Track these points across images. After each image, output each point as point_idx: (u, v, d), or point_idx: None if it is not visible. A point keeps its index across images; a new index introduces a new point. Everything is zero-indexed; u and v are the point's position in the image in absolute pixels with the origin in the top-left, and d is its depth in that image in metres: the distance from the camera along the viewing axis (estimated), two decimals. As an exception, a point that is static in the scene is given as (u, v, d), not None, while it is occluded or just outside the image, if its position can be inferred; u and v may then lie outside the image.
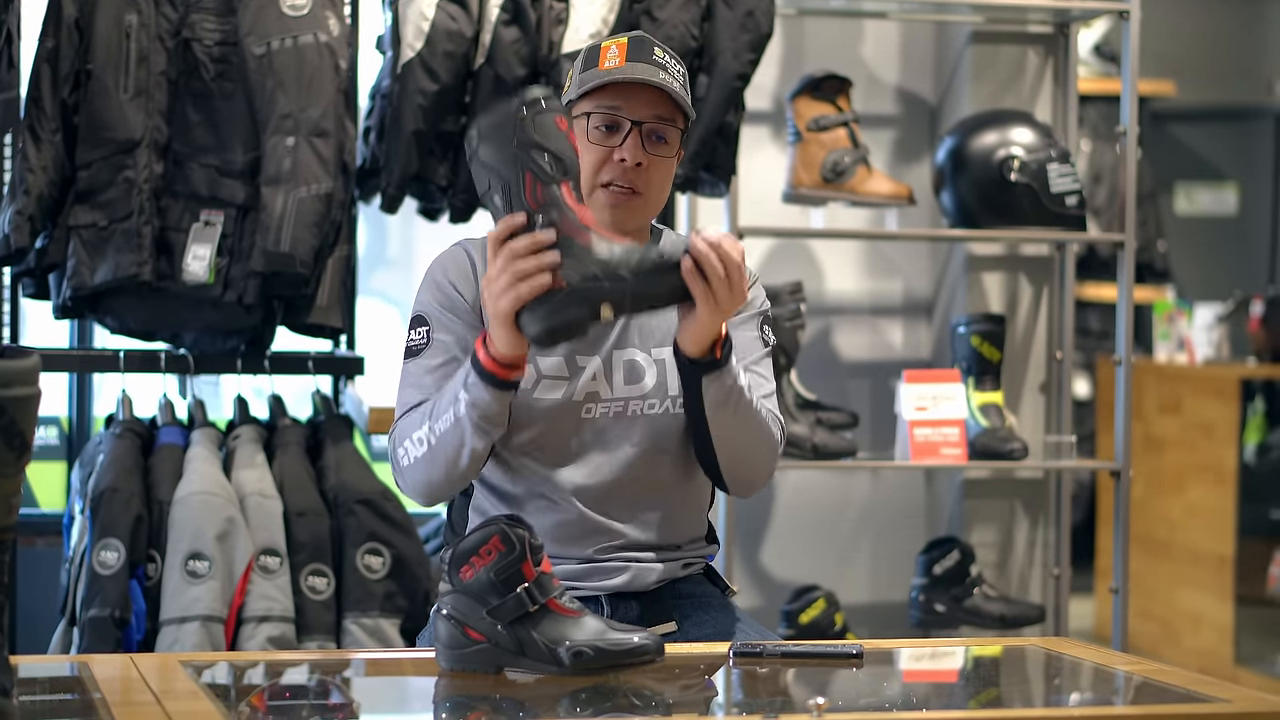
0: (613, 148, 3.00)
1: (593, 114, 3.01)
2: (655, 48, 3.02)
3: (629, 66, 2.99)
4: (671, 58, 3.03)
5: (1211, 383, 6.66)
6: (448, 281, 3.03)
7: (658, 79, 2.99)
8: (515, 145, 2.70)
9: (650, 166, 3.00)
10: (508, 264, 2.71)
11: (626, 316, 2.86)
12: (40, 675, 2.79)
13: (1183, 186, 9.20)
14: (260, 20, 4.22)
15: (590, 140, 3.00)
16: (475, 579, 2.62)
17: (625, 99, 3.00)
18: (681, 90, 3.02)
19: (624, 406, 3.01)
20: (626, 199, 3.00)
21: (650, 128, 3.00)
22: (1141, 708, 2.64)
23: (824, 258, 5.30)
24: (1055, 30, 5.24)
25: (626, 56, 3.00)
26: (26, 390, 2.20)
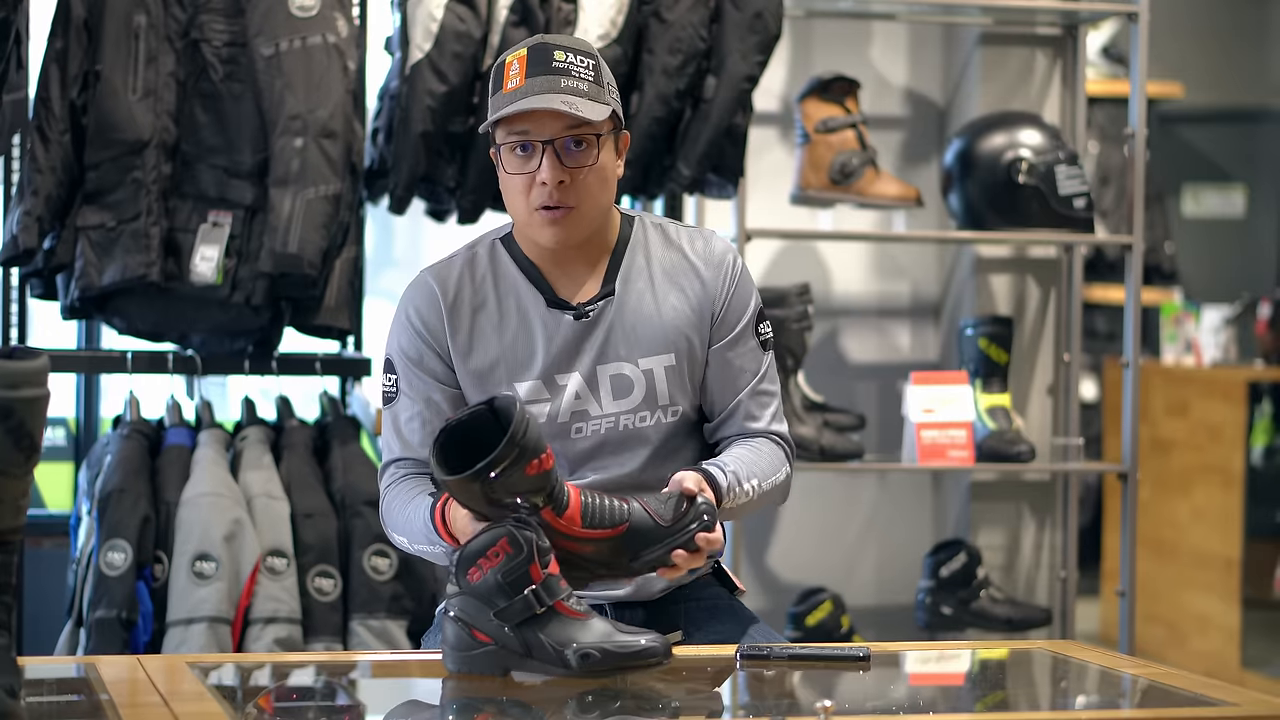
0: (532, 172, 2.90)
1: (503, 145, 2.92)
2: (555, 50, 2.90)
3: (527, 84, 2.87)
4: (577, 54, 2.91)
5: (1219, 385, 6.66)
6: (414, 325, 3.00)
7: (557, 91, 2.87)
8: (486, 501, 2.66)
9: (575, 180, 2.91)
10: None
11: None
12: (47, 676, 2.79)
13: (1190, 188, 9.19)
14: (269, 21, 4.22)
15: (508, 170, 2.92)
16: (482, 581, 2.62)
17: (530, 120, 2.89)
18: (592, 88, 2.90)
19: (615, 422, 2.99)
20: (562, 215, 2.92)
21: (563, 141, 2.90)
22: (1148, 711, 2.64)
23: (831, 259, 5.30)
24: (1063, 32, 5.24)
25: (526, 72, 2.89)
26: (35, 391, 2.20)
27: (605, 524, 2.72)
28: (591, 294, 3.00)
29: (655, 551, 2.73)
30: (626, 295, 3.00)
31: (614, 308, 2.99)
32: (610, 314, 2.99)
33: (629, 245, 3.03)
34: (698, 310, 3.02)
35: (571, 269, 3.00)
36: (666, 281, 3.02)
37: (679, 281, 3.03)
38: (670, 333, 3.00)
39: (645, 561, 2.74)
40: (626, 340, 2.99)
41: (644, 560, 2.74)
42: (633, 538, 2.73)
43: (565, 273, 3.00)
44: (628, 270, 3.02)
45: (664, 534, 2.74)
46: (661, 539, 2.74)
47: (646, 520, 2.74)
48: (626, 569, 2.75)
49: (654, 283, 3.02)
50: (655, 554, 2.74)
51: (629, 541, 2.73)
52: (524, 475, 2.64)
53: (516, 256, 3.01)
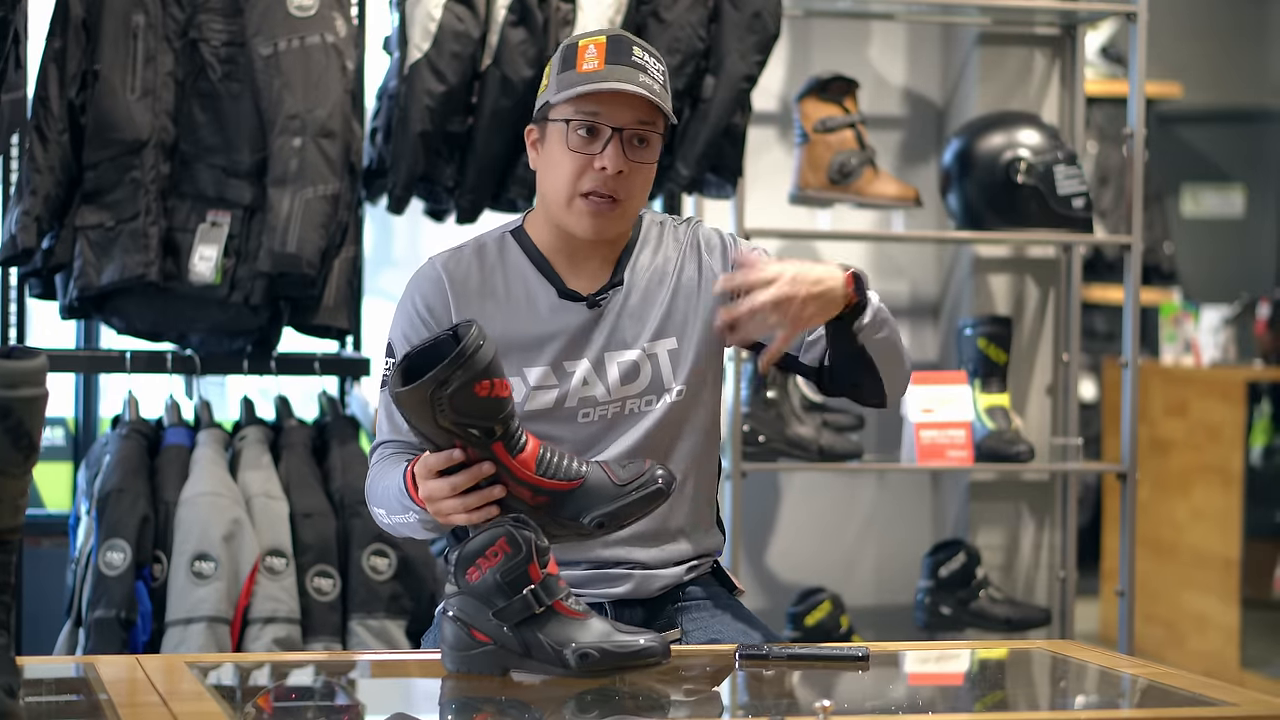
0: (592, 155, 2.92)
1: (571, 120, 2.93)
2: (634, 46, 2.94)
3: (608, 70, 2.91)
4: (651, 55, 2.96)
5: (1218, 385, 6.66)
6: (419, 310, 3.01)
7: (637, 84, 2.91)
8: (438, 423, 2.65)
9: (631, 173, 2.94)
10: (451, 493, 2.71)
11: None
12: (46, 676, 2.79)
13: (1189, 188, 9.20)
14: (267, 21, 4.22)
15: (570, 147, 2.93)
16: (481, 581, 2.62)
17: (604, 104, 2.92)
18: (662, 92, 2.95)
19: (621, 407, 3.00)
20: (607, 208, 2.94)
21: (631, 133, 2.93)
22: (1147, 711, 2.64)
23: (830, 259, 5.29)
24: (1062, 32, 5.24)
25: (605, 58, 2.91)
26: (33, 391, 2.20)
27: (560, 476, 2.72)
28: (600, 284, 3.02)
29: (605, 508, 2.72)
30: (634, 285, 3.03)
31: (622, 296, 3.02)
32: (618, 302, 3.02)
33: (639, 240, 3.07)
34: (702, 294, 3.04)
35: (584, 262, 3.02)
36: (668, 268, 3.05)
37: (678, 268, 3.06)
38: (673, 315, 3.03)
39: (595, 517, 2.71)
40: (633, 326, 3.02)
41: (594, 516, 2.71)
42: (586, 494, 2.72)
43: (576, 265, 3.02)
44: (635, 263, 3.05)
45: (616, 493, 2.73)
46: (613, 497, 2.72)
47: (603, 478, 2.73)
48: (579, 527, 2.73)
49: (659, 271, 3.05)
50: (605, 510, 2.72)
51: (582, 498, 2.72)
52: (473, 395, 2.63)
53: (527, 249, 3.04)
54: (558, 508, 2.72)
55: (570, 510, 2.72)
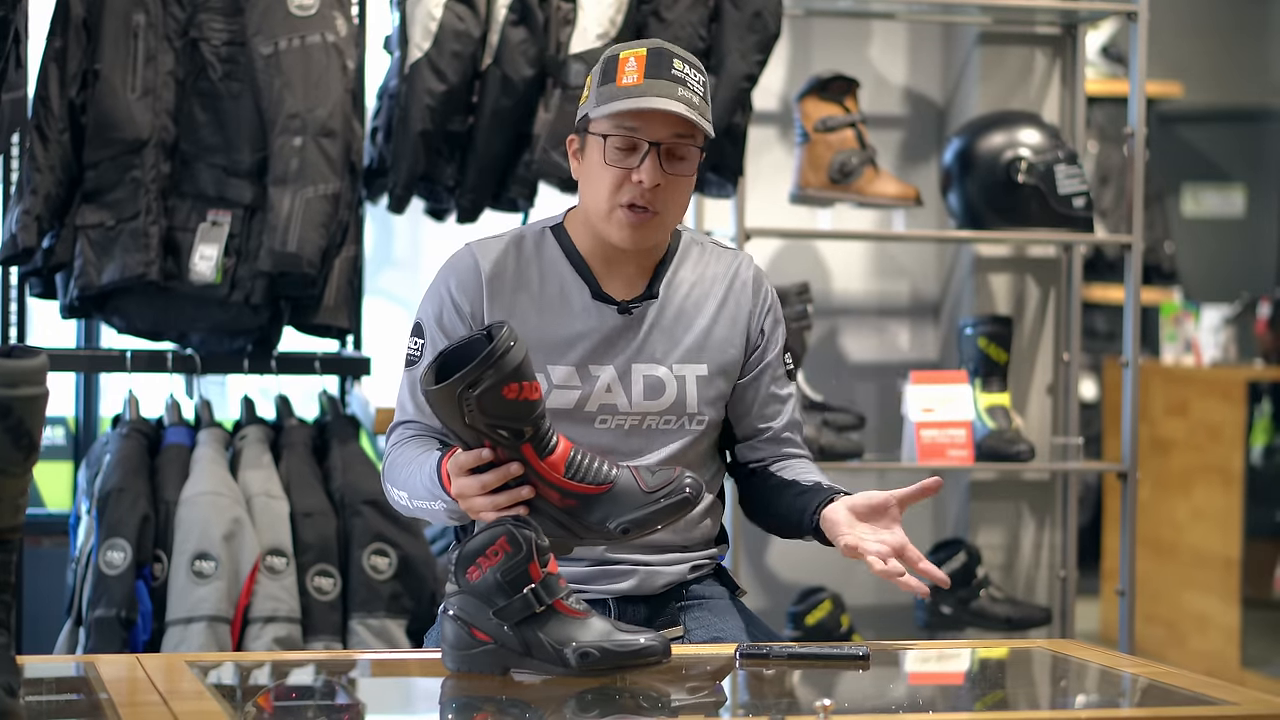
0: (630, 169, 2.94)
1: (609, 136, 2.95)
2: (675, 59, 2.94)
3: (647, 85, 2.92)
4: (692, 68, 2.96)
5: (1218, 385, 6.66)
6: (451, 294, 3.02)
7: (676, 101, 2.91)
8: (466, 422, 2.66)
9: (668, 186, 2.95)
10: (481, 491, 2.72)
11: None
12: (46, 675, 2.79)
13: (1190, 188, 9.20)
14: (268, 20, 4.22)
15: (608, 161, 2.95)
16: (482, 580, 2.62)
17: (642, 119, 2.93)
18: (702, 104, 2.95)
19: (640, 420, 3.01)
20: (646, 219, 2.96)
21: (668, 147, 2.95)
22: (1147, 710, 2.64)
23: (831, 259, 5.30)
24: (1063, 31, 5.24)
25: (645, 72, 2.92)
26: (34, 390, 2.20)
27: (589, 480, 2.72)
28: (636, 294, 3.03)
29: (632, 514, 2.72)
30: (669, 300, 3.04)
31: (656, 309, 3.03)
32: (651, 315, 3.03)
33: (676, 254, 3.08)
34: (737, 330, 3.08)
35: (620, 268, 3.03)
36: (707, 295, 3.07)
37: (720, 298, 3.08)
38: (708, 345, 3.04)
39: (621, 523, 2.71)
40: (664, 343, 3.03)
41: (621, 522, 2.71)
42: (614, 499, 2.72)
43: (613, 272, 3.03)
44: (672, 277, 3.06)
45: (644, 499, 2.73)
46: (640, 504, 2.72)
47: (632, 484, 2.73)
48: (605, 532, 2.73)
49: (695, 294, 3.06)
50: (631, 516, 2.72)
51: (610, 503, 2.72)
52: (502, 397, 2.63)
53: (566, 248, 3.05)
54: (585, 511, 2.72)
55: (598, 514, 2.72)
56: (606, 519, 2.72)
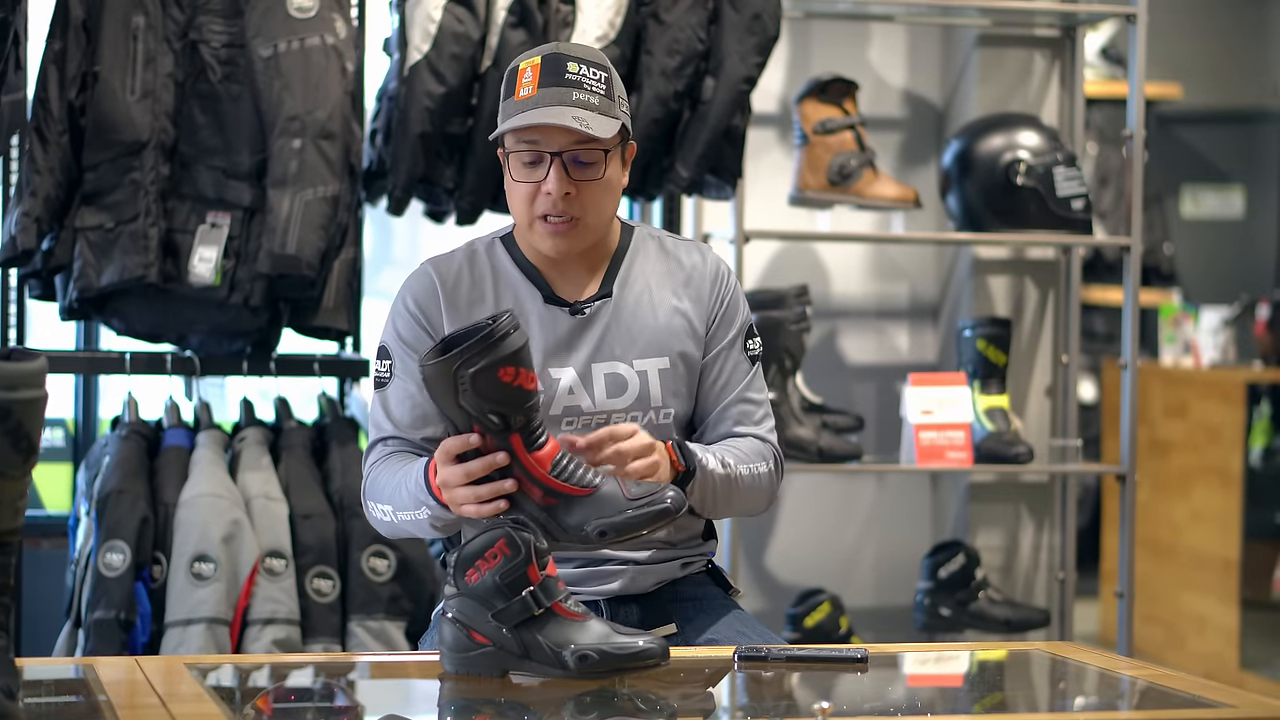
0: (538, 181, 2.94)
1: (513, 152, 2.95)
2: (569, 63, 2.92)
3: (540, 95, 2.90)
4: (590, 66, 2.94)
5: (1217, 386, 6.66)
6: (410, 309, 3.03)
7: (570, 106, 2.90)
8: (457, 401, 2.68)
9: (581, 192, 2.94)
10: (464, 480, 2.73)
11: None
12: (45, 677, 2.79)
13: (1189, 190, 9.20)
14: (267, 22, 4.23)
15: (515, 178, 2.96)
16: (480, 582, 2.62)
17: (540, 132, 2.92)
18: (603, 102, 2.93)
19: (606, 419, 3.00)
20: (566, 228, 2.95)
21: (571, 155, 2.93)
22: (1146, 713, 2.64)
23: (830, 261, 5.30)
24: (1062, 33, 5.24)
25: (540, 81, 2.91)
26: (33, 392, 2.20)
27: (573, 481, 2.74)
28: (589, 294, 3.03)
29: (611, 519, 2.72)
30: (624, 298, 3.04)
31: (611, 308, 3.03)
32: (607, 314, 3.02)
33: (628, 252, 3.08)
34: (694, 319, 3.07)
35: (571, 272, 3.03)
36: (663, 289, 3.07)
37: (676, 290, 3.07)
38: (666, 337, 3.03)
39: (599, 526, 2.72)
40: (622, 341, 3.02)
41: (598, 525, 2.72)
42: (595, 503, 2.73)
43: (564, 275, 3.03)
44: (625, 275, 3.06)
45: (624, 505, 2.73)
46: (620, 510, 2.73)
47: (615, 491, 2.74)
48: (582, 535, 2.73)
49: (651, 289, 3.06)
50: (609, 520, 2.72)
51: (590, 507, 2.73)
52: (496, 379, 2.66)
53: (516, 257, 3.05)
54: (565, 512, 2.73)
55: (577, 517, 2.73)
56: (584, 522, 2.73)
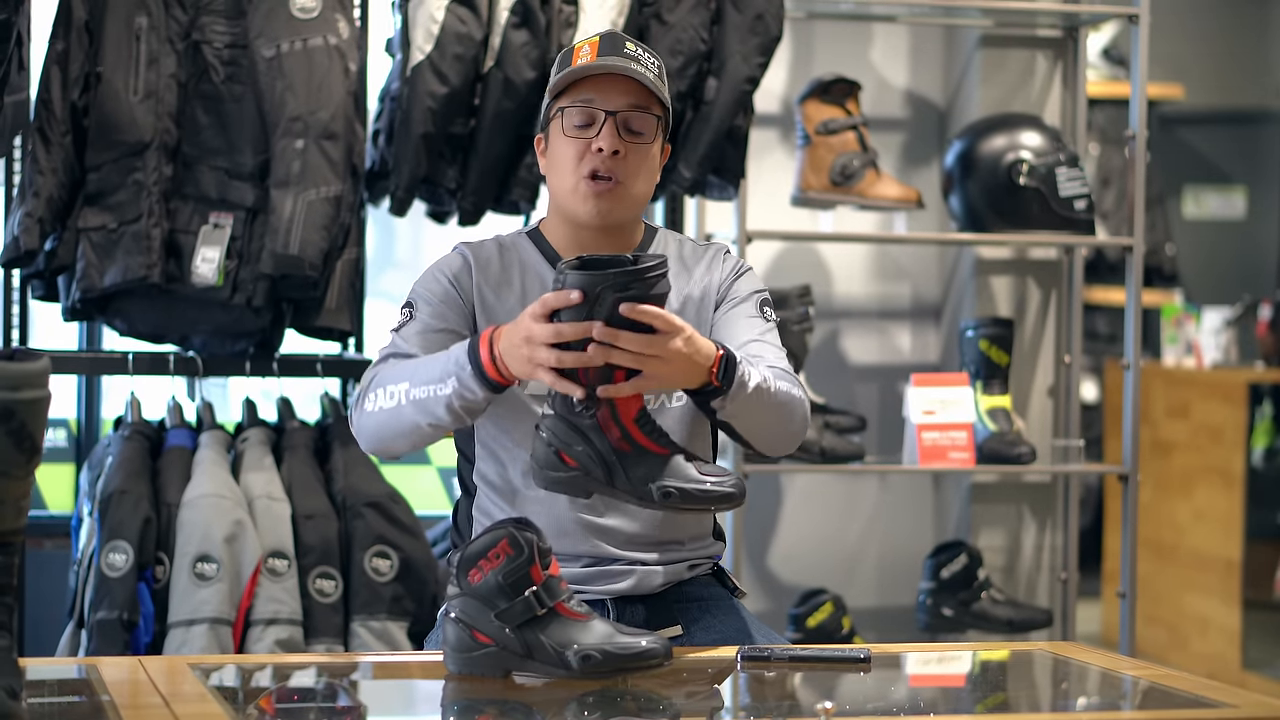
0: (589, 139, 3.01)
1: (568, 109, 3.03)
2: (627, 43, 3.03)
3: (600, 61, 3.01)
4: (645, 51, 3.05)
5: (1219, 387, 6.66)
6: (447, 274, 3.06)
7: (628, 68, 3.00)
8: (589, 315, 2.68)
9: (628, 155, 3.01)
10: (554, 338, 2.70)
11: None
12: (48, 677, 2.79)
13: (1191, 190, 9.20)
14: (270, 23, 4.23)
15: (567, 134, 3.02)
16: (483, 582, 2.62)
17: (598, 91, 3.02)
18: (656, 81, 3.03)
19: None
20: (608, 189, 3.00)
21: (624, 116, 3.02)
22: (1148, 713, 2.64)
23: (832, 261, 5.30)
24: (1064, 34, 5.24)
25: (598, 52, 3.02)
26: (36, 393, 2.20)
27: (652, 437, 2.74)
28: None
29: (680, 483, 2.72)
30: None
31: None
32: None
33: (650, 245, 3.13)
34: (709, 299, 3.10)
35: None
36: (679, 279, 3.10)
37: (692, 277, 3.11)
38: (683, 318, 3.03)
39: (665, 487, 2.71)
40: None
41: (665, 486, 2.71)
42: (664, 465, 2.73)
43: None
44: None
45: (694, 477, 2.73)
46: (689, 479, 2.72)
47: (686, 461, 2.74)
48: (644, 492, 2.72)
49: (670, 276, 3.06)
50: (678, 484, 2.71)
51: (659, 467, 2.72)
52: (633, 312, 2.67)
53: (544, 249, 3.10)
54: (633, 464, 2.73)
55: (642, 472, 2.73)
56: (651, 479, 2.72)
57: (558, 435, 2.71)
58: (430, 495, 5.55)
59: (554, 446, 2.71)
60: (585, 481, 2.71)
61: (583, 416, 2.72)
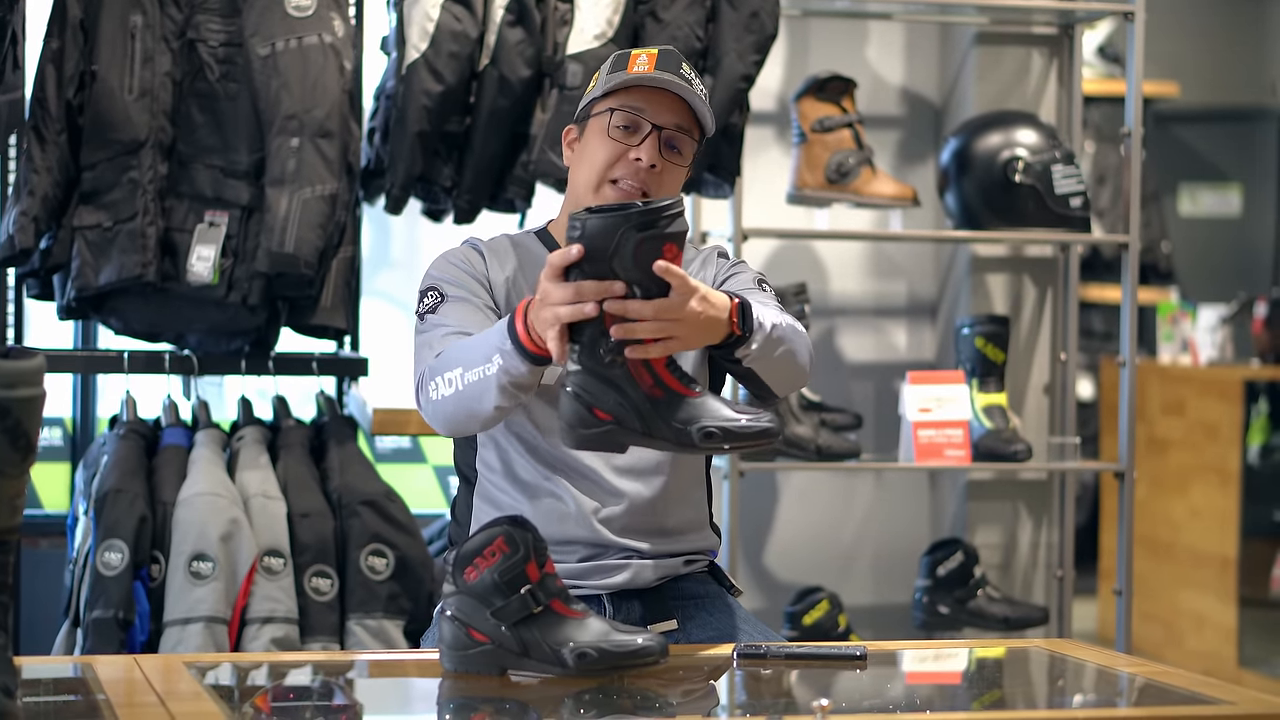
0: (630, 146, 3.02)
1: (616, 110, 3.04)
2: (684, 63, 3.07)
3: (658, 73, 3.03)
4: (697, 76, 3.08)
5: (1215, 384, 6.66)
6: (461, 259, 3.09)
7: (684, 88, 3.03)
8: (608, 264, 2.66)
9: (664, 172, 3.04)
10: (572, 296, 2.67)
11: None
12: (44, 676, 2.79)
13: (1187, 188, 9.20)
14: (265, 21, 4.23)
15: (610, 136, 3.04)
16: (479, 580, 2.62)
17: (649, 102, 3.04)
18: (704, 106, 3.06)
19: None
20: (635, 199, 3.01)
21: (670, 134, 3.04)
22: (1144, 710, 2.65)
23: (828, 259, 5.30)
24: (1060, 31, 5.24)
25: (656, 65, 3.04)
26: (31, 391, 2.20)
27: (682, 381, 2.71)
28: None
29: (723, 422, 2.68)
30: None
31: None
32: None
33: None
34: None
35: None
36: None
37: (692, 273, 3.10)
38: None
39: (706, 427, 2.67)
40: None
41: (706, 426, 2.67)
42: (700, 407, 2.69)
43: None
44: None
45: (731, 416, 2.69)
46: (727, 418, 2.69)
47: (719, 404, 2.71)
48: (685, 435, 2.69)
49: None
50: (721, 424, 2.68)
51: (696, 409, 2.69)
52: (660, 253, 2.64)
53: (550, 246, 3.12)
54: (670, 409, 2.70)
55: (681, 415, 2.70)
56: (691, 421, 2.69)
57: (587, 390, 2.67)
58: (426, 494, 5.56)
59: (585, 402, 2.68)
60: (620, 434, 2.67)
61: (613, 366, 2.69)
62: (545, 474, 3.04)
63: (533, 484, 3.04)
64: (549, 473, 3.04)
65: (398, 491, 4.35)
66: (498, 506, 3.06)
